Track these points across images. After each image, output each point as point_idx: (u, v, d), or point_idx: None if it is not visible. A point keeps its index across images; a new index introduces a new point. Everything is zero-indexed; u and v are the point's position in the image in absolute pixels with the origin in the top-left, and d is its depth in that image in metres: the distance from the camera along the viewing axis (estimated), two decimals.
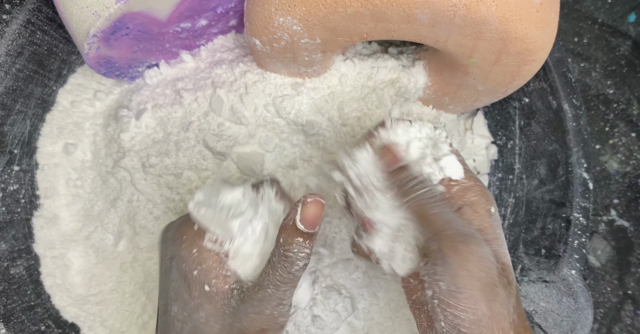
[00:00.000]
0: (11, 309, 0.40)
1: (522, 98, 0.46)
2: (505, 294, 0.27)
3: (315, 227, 0.28)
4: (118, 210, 0.45)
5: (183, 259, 0.30)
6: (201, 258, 0.29)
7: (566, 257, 0.42)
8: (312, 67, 0.40)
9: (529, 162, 0.47)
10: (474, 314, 0.26)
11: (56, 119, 0.45)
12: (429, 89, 0.44)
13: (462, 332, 0.26)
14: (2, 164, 0.41)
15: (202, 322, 0.29)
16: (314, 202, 0.28)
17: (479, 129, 0.50)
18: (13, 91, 0.41)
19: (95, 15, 0.34)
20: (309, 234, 0.28)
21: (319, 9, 0.32)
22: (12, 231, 0.42)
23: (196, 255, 0.29)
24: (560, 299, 0.41)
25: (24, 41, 0.40)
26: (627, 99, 0.52)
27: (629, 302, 0.50)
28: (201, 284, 0.29)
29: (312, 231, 0.28)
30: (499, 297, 0.26)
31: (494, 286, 0.26)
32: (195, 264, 0.29)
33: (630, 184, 0.52)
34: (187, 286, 0.29)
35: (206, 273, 0.29)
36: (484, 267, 0.26)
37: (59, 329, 0.43)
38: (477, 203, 0.30)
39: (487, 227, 0.30)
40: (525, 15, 0.32)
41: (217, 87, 0.43)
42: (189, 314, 0.29)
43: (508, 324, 0.26)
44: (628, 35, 0.52)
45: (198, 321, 0.29)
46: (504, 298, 0.27)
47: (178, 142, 0.43)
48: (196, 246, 0.30)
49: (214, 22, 0.42)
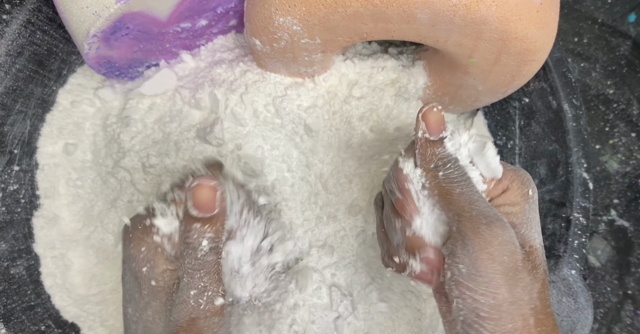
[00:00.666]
0: (11, 309, 0.40)
1: (522, 98, 0.46)
2: (530, 279, 0.26)
3: (212, 210, 0.27)
4: (118, 210, 0.45)
5: (133, 259, 0.29)
6: (149, 255, 0.29)
7: (566, 257, 0.42)
8: (312, 67, 0.40)
9: (529, 162, 0.47)
10: (495, 298, 0.25)
11: (56, 119, 0.45)
12: (429, 89, 0.44)
13: (481, 316, 0.25)
14: (2, 164, 0.41)
15: (150, 320, 0.28)
16: (199, 186, 0.27)
17: (479, 129, 0.50)
18: (13, 91, 0.41)
19: (95, 15, 0.34)
20: (208, 218, 0.27)
21: (319, 9, 0.33)
22: (12, 231, 0.42)
23: (145, 253, 0.29)
24: (560, 299, 0.41)
25: (24, 41, 0.40)
26: (627, 99, 0.52)
27: (629, 302, 0.50)
28: (149, 281, 0.28)
29: (210, 215, 0.27)
30: (521, 282, 0.26)
31: (516, 271, 0.25)
32: (145, 261, 0.28)
33: (630, 184, 0.52)
34: (138, 285, 0.29)
35: (153, 269, 0.28)
36: (507, 251, 0.25)
37: (59, 329, 0.43)
38: (512, 189, 0.29)
39: (518, 211, 0.29)
40: (525, 15, 0.32)
41: (217, 86, 0.43)
42: (140, 314, 0.29)
43: (529, 310, 0.26)
44: (628, 35, 0.52)
45: (147, 320, 0.28)
46: (527, 283, 0.26)
47: (178, 143, 0.43)
48: (144, 243, 0.29)
49: (214, 22, 0.42)
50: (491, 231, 0.25)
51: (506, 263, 0.25)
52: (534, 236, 0.29)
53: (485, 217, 0.26)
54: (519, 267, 0.26)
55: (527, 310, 0.26)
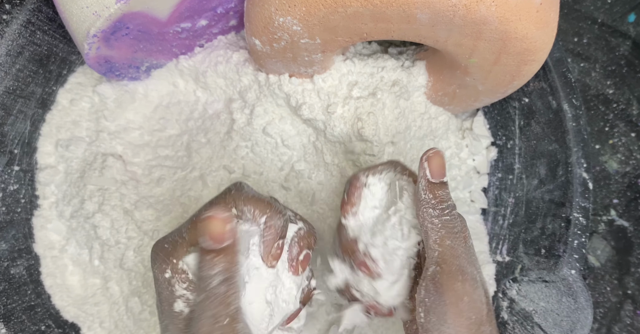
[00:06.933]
0: (11, 309, 0.40)
1: (522, 98, 0.46)
2: (490, 329, 0.28)
3: (222, 242, 0.27)
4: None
5: (157, 279, 0.29)
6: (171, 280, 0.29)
7: (566, 257, 0.42)
8: (312, 67, 0.40)
9: (529, 162, 0.47)
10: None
11: (56, 118, 0.45)
12: (429, 89, 0.44)
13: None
14: (2, 164, 0.41)
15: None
16: (209, 218, 0.27)
17: (479, 129, 0.50)
18: (13, 91, 0.41)
19: (95, 15, 0.34)
20: (219, 250, 0.27)
21: (319, 9, 0.33)
22: (13, 231, 0.42)
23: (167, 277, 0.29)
24: (560, 299, 0.41)
25: (24, 41, 0.40)
26: (627, 99, 0.52)
27: (628, 302, 0.50)
28: (169, 306, 0.28)
29: (222, 246, 0.27)
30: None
31: (480, 325, 0.28)
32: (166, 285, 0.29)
33: (630, 184, 0.52)
34: (161, 305, 0.29)
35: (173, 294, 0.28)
36: (475, 308, 0.28)
37: (59, 329, 0.43)
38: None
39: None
40: (525, 15, 0.32)
41: (217, 86, 0.43)
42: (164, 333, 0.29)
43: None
44: (628, 35, 0.52)
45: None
46: (488, 333, 0.28)
47: (190, 142, 0.43)
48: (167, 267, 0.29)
49: (214, 22, 0.42)
50: (464, 289, 0.28)
51: (472, 319, 0.28)
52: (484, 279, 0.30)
53: (462, 274, 0.28)
54: (483, 321, 0.28)
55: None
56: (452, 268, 0.28)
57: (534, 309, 0.43)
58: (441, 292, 0.28)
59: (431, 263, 0.29)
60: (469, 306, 0.28)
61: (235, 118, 0.44)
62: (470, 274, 0.28)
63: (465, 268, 0.29)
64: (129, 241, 0.43)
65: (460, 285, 0.28)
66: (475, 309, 0.28)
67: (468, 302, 0.28)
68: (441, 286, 0.28)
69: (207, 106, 0.45)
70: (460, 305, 0.27)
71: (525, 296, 0.44)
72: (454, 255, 0.29)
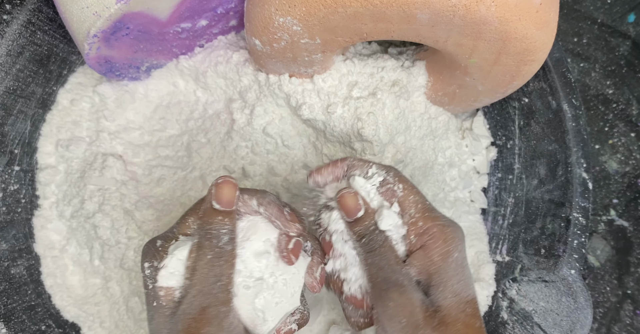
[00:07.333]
0: (12, 309, 0.40)
1: (522, 98, 0.46)
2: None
3: (231, 206, 0.31)
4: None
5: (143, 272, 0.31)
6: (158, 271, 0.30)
7: (566, 257, 0.42)
8: (312, 67, 0.40)
9: (529, 162, 0.47)
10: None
11: (56, 118, 0.45)
12: (428, 89, 0.44)
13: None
14: (3, 164, 0.41)
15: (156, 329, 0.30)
16: (224, 183, 0.31)
17: (479, 129, 0.50)
18: (14, 91, 0.41)
19: (96, 15, 0.34)
20: (227, 212, 0.31)
21: (319, 9, 0.33)
22: (13, 231, 0.42)
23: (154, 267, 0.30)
24: (560, 299, 0.41)
25: (24, 41, 0.40)
26: (627, 99, 0.52)
27: (628, 302, 0.50)
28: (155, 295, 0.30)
29: (230, 209, 0.31)
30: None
31: (417, 328, 0.29)
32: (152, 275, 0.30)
33: (629, 184, 0.52)
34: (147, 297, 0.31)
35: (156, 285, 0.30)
36: (404, 312, 0.30)
37: (60, 329, 0.43)
38: (431, 247, 0.32)
39: (434, 273, 0.31)
40: (525, 15, 0.32)
41: (217, 86, 0.43)
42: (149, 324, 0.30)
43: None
44: (627, 36, 0.52)
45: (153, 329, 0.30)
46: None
47: (190, 142, 0.43)
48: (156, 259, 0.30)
49: (214, 22, 0.42)
50: (387, 296, 0.30)
51: (404, 323, 0.30)
52: (447, 296, 0.31)
53: (386, 283, 0.31)
54: (419, 325, 0.30)
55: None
56: (377, 280, 0.31)
57: (533, 309, 0.43)
58: (375, 302, 0.31)
59: (368, 281, 0.32)
60: (396, 310, 0.30)
61: (235, 118, 0.44)
62: (394, 282, 0.31)
63: (389, 277, 0.31)
64: (130, 241, 0.44)
65: (384, 294, 0.30)
66: (404, 313, 0.30)
67: (394, 307, 0.30)
68: (374, 298, 0.31)
69: (207, 106, 0.45)
70: (388, 311, 0.30)
71: (525, 296, 0.44)
72: (379, 268, 0.31)
